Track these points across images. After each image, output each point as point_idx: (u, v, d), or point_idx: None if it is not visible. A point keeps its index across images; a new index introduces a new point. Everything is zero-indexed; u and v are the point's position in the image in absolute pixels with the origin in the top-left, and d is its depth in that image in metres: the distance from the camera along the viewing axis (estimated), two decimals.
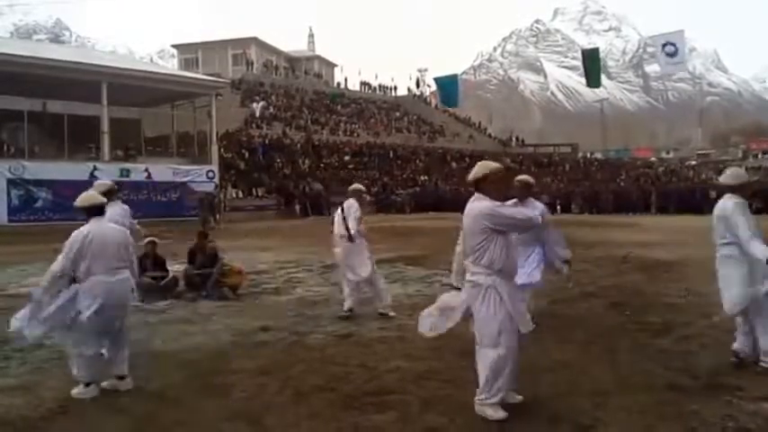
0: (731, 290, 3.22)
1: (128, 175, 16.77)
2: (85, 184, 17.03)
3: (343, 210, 4.89)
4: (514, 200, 4.40)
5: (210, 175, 18.72)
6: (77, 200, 3.19)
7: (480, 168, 2.67)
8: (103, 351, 3.07)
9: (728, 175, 3.48)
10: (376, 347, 3.84)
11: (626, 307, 4.96)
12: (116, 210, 4.72)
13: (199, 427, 2.61)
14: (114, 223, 4.21)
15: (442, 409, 2.71)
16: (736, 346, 3.29)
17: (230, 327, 4.51)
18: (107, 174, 16.35)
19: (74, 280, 3.06)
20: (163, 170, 17.61)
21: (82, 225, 3.14)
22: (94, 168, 16.20)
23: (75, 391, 2.98)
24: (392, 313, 4.71)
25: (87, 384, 2.99)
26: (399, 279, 6.77)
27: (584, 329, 4.22)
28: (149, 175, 17.16)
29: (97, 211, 3.14)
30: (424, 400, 2.83)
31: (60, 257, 3.00)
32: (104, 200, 3.27)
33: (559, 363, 3.40)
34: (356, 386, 3.07)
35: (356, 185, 5.16)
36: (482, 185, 2.66)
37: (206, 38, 48.82)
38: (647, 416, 2.59)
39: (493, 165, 2.70)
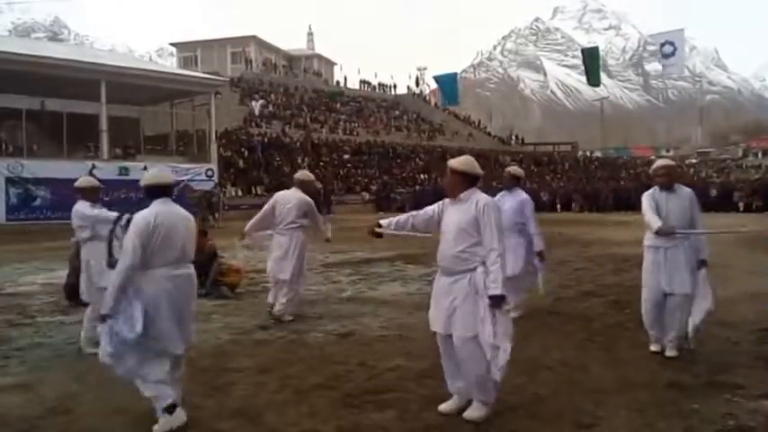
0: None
1: (126, 174, 16.75)
2: None
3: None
4: (503, 192, 4.50)
5: (210, 173, 18.71)
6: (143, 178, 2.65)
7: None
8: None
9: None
10: (376, 346, 3.84)
11: (626, 305, 4.96)
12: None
13: (199, 425, 2.60)
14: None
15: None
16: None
17: (229, 325, 4.50)
18: (106, 172, 16.39)
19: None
20: (162, 169, 17.56)
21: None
22: (93, 167, 16.18)
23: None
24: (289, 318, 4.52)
25: (170, 410, 2.45)
26: (399, 278, 6.76)
27: (585, 328, 4.22)
28: None
29: (161, 191, 2.60)
30: (423, 398, 2.83)
31: (127, 248, 2.43)
32: (171, 180, 2.71)
33: (559, 361, 3.40)
34: (356, 384, 3.07)
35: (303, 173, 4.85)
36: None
37: (205, 36, 48.72)
38: (648, 414, 2.59)
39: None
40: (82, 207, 3.87)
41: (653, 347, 3.53)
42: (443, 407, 2.66)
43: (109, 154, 17.19)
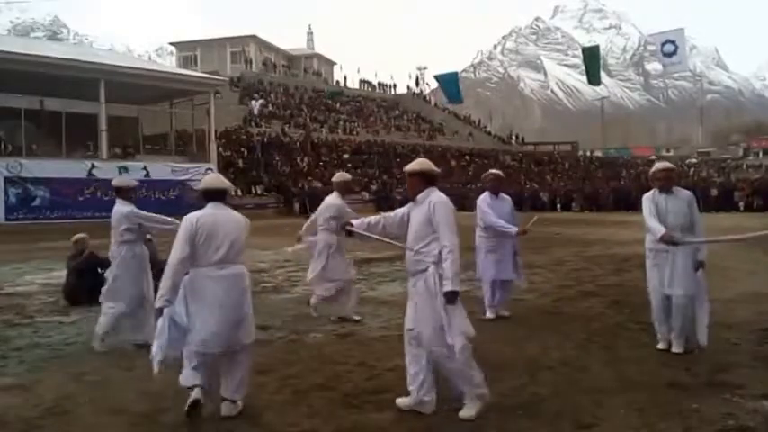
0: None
1: (126, 174, 16.71)
2: (83, 183, 16.86)
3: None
4: (486, 193, 4.44)
5: (209, 173, 18.68)
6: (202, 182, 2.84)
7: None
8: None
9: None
10: (375, 346, 3.83)
11: (626, 305, 4.95)
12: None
13: (199, 426, 2.59)
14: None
15: (442, 407, 2.70)
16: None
17: None
18: (105, 172, 16.38)
19: None
20: (161, 168, 17.59)
21: (79, 224, 3.08)
22: (92, 167, 16.18)
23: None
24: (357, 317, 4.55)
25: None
26: (399, 277, 6.75)
27: (585, 328, 4.21)
28: (148, 174, 17.14)
29: (213, 195, 2.75)
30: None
31: (175, 245, 2.61)
32: (225, 185, 2.86)
33: (559, 361, 3.39)
34: (355, 385, 3.06)
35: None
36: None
37: (205, 36, 48.59)
38: (647, 414, 2.58)
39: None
40: (129, 208, 3.93)
41: (660, 345, 3.55)
42: (400, 401, 2.67)
43: (108, 153, 17.17)
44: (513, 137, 47.67)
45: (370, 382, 3.09)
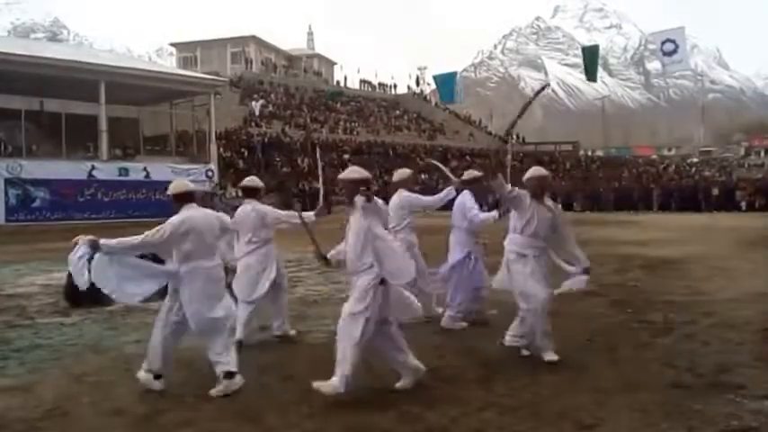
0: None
1: (126, 175, 16.73)
2: (83, 184, 16.78)
3: None
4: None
5: (210, 173, 18.68)
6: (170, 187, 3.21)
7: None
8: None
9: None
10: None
11: (628, 305, 4.94)
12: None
13: (199, 426, 2.59)
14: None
15: (443, 408, 2.69)
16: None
17: None
18: (106, 173, 16.36)
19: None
20: (162, 169, 17.54)
21: (79, 225, 3.10)
22: (92, 168, 16.16)
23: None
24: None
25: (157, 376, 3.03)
26: None
27: (586, 328, 4.20)
28: (148, 175, 17.12)
29: (187, 197, 3.18)
30: (424, 399, 2.81)
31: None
32: (192, 187, 3.28)
33: (560, 361, 3.37)
34: (357, 385, 3.05)
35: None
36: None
37: (205, 36, 48.36)
38: (650, 414, 2.57)
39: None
40: (263, 206, 3.95)
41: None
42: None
43: (108, 154, 17.15)
44: (514, 136, 47.58)
45: (371, 383, 3.08)
